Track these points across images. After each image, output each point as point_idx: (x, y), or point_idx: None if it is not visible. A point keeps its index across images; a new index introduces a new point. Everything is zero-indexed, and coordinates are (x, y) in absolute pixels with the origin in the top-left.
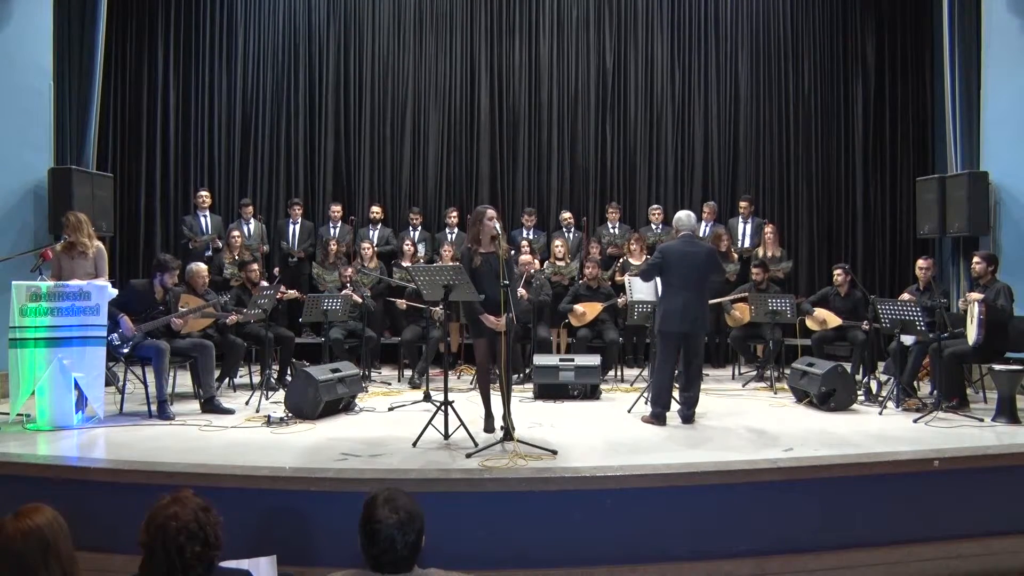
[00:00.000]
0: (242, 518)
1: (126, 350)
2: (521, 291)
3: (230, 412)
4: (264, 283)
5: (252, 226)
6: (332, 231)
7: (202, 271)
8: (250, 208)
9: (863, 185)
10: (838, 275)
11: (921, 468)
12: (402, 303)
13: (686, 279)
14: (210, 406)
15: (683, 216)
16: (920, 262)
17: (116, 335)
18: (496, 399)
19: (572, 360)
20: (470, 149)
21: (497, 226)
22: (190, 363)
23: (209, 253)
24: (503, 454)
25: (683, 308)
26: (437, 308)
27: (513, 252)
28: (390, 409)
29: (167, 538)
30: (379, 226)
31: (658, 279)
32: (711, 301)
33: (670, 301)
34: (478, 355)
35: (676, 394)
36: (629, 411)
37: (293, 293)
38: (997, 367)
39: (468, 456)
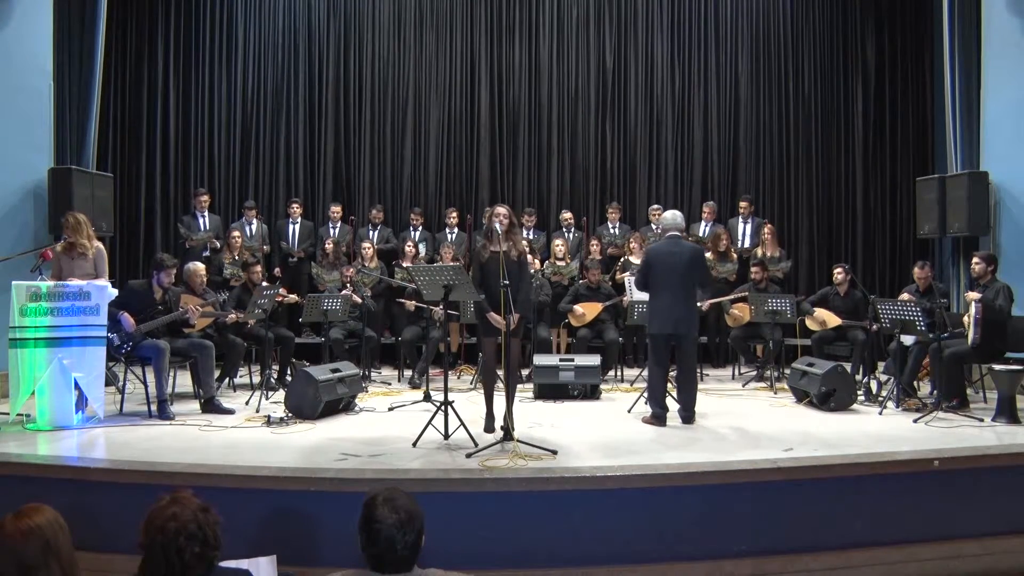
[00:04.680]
0: (242, 518)
1: (126, 349)
2: None
3: (230, 412)
4: (264, 284)
5: (254, 227)
6: (332, 231)
7: (199, 270)
8: (253, 211)
9: (863, 185)
10: (838, 274)
11: (921, 468)
12: (411, 304)
13: (670, 280)
14: (210, 406)
15: (669, 216)
16: (917, 271)
17: (116, 335)
18: (498, 398)
19: (572, 360)
20: (470, 149)
21: (496, 225)
22: (190, 363)
23: (207, 253)
24: (503, 454)
25: (667, 309)
26: (437, 308)
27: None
28: (390, 409)
29: (166, 539)
30: (379, 226)
31: None
32: (711, 301)
33: (654, 302)
34: (485, 354)
35: (673, 393)
36: (629, 411)
37: (293, 298)
38: (997, 367)
39: (468, 456)
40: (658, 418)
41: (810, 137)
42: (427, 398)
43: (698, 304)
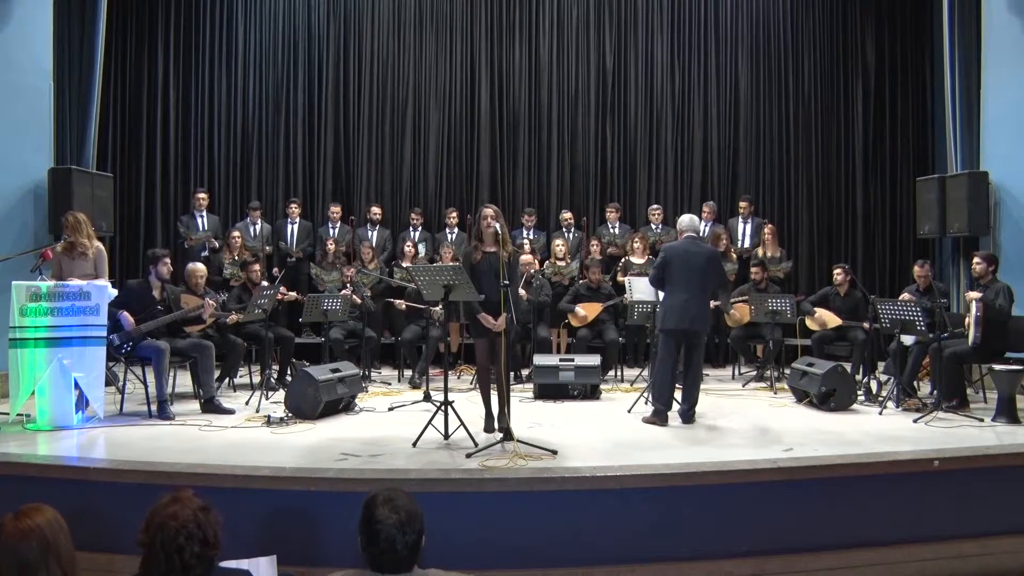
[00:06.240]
0: (242, 518)
1: (126, 349)
2: (521, 291)
3: (230, 412)
4: (264, 283)
5: (258, 227)
6: (332, 231)
7: (199, 271)
8: (258, 211)
9: (863, 185)
10: (838, 275)
11: (921, 468)
12: (401, 304)
13: (688, 279)
14: (210, 406)
15: (686, 219)
16: (917, 269)
17: (116, 335)
18: (496, 399)
19: (572, 360)
20: (470, 149)
21: (497, 227)
22: (190, 363)
23: (205, 253)
24: (503, 454)
25: (683, 306)
26: (437, 308)
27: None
28: (390, 409)
29: (166, 537)
30: (378, 227)
31: None
32: (711, 305)
33: (671, 299)
34: (478, 355)
35: (677, 394)
36: (629, 411)
37: (293, 295)
38: (997, 367)
39: (468, 456)
40: (659, 415)
41: (810, 137)
42: (427, 398)
43: (715, 303)
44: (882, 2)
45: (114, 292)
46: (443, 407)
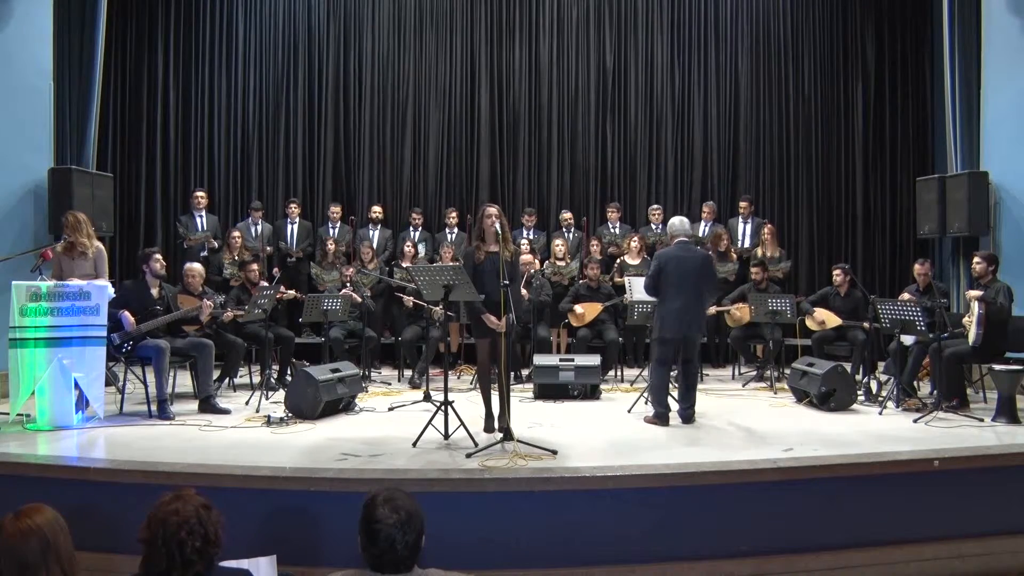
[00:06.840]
0: (242, 518)
1: (127, 349)
2: (523, 291)
3: (225, 412)
4: (264, 283)
5: (259, 227)
6: (332, 231)
7: (195, 270)
8: (260, 212)
9: (863, 185)
10: (837, 275)
11: (921, 468)
12: (409, 300)
13: (682, 284)
14: (206, 406)
15: (676, 222)
16: (917, 267)
17: (116, 335)
18: (496, 399)
19: (572, 360)
20: (470, 149)
21: (498, 225)
22: (190, 363)
23: (204, 253)
24: (503, 454)
25: (680, 311)
26: (437, 308)
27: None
28: (390, 409)
29: (168, 533)
30: (379, 227)
31: None
32: (710, 311)
33: (667, 305)
34: (480, 355)
35: (676, 394)
36: (629, 411)
37: (292, 293)
38: (997, 367)
39: (468, 456)
40: (660, 418)
41: (810, 137)
42: (427, 398)
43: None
44: (882, 2)
45: (112, 293)
46: (443, 407)
